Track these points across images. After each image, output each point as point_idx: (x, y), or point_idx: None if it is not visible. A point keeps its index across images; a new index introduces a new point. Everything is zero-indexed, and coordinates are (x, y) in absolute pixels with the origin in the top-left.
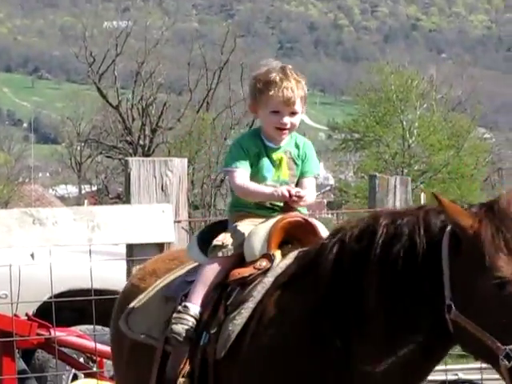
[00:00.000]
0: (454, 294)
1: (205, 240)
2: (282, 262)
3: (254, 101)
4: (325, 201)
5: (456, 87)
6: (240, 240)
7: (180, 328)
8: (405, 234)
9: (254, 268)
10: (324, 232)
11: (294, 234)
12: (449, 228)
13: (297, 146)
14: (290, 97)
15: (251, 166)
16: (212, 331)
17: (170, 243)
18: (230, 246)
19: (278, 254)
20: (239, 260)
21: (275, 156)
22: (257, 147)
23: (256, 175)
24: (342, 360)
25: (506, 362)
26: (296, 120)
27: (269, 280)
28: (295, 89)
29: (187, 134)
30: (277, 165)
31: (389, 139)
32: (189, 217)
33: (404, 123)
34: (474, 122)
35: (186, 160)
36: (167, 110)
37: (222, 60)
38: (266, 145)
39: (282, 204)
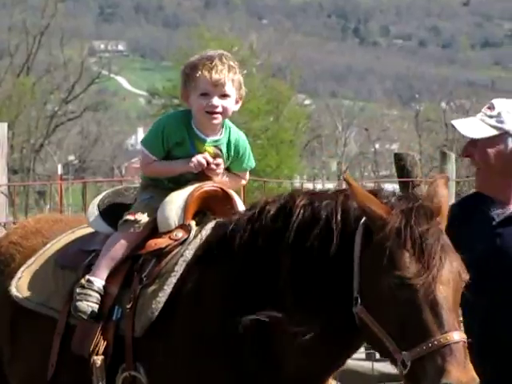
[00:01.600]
0: (362, 287)
1: (107, 210)
2: (200, 233)
3: (185, 88)
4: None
5: (276, 54)
6: (150, 218)
7: (85, 305)
8: (321, 219)
9: (170, 239)
10: (239, 204)
11: (209, 204)
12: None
13: (228, 143)
14: (218, 78)
15: (169, 153)
16: (127, 306)
17: None
18: (142, 222)
19: (193, 224)
20: (151, 230)
21: (202, 148)
22: (181, 134)
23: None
24: (258, 338)
25: (402, 369)
26: (228, 103)
27: (190, 252)
28: (226, 71)
29: (7, 98)
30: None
31: None
32: (8, 181)
33: None
34: (293, 88)
35: (5, 125)
36: None
37: (43, 25)
38: (196, 133)
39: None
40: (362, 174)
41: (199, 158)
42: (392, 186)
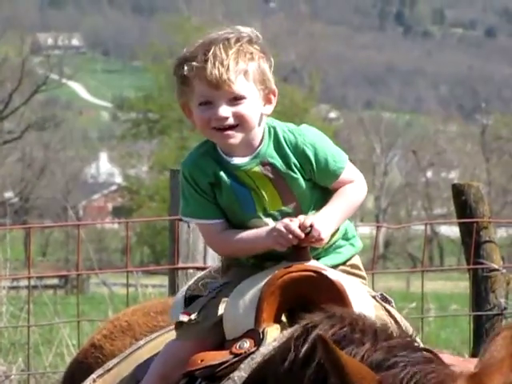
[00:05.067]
0: None
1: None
2: (268, 346)
3: (182, 96)
4: (109, 206)
5: (289, 49)
6: (214, 319)
7: None
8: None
9: (231, 353)
10: (355, 291)
11: (308, 295)
12: None
13: (280, 150)
14: (218, 74)
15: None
16: None
17: None
18: (199, 326)
19: (272, 329)
20: (221, 337)
21: (243, 175)
22: (210, 170)
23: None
24: None
25: None
26: (245, 108)
27: (240, 376)
28: (232, 61)
29: None
30: (253, 188)
31: None
32: None
33: None
34: (314, 97)
35: None
36: None
37: None
38: (227, 162)
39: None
40: (408, 213)
41: (279, 227)
42: (450, 229)
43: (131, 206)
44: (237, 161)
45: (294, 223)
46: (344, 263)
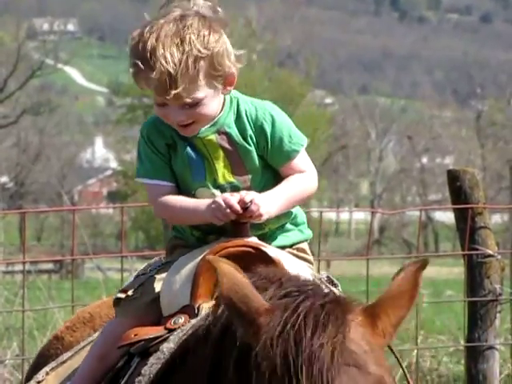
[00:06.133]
0: None
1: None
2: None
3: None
4: (104, 190)
5: (284, 34)
6: (151, 296)
7: None
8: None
9: (165, 328)
10: (295, 269)
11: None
12: None
13: (239, 121)
14: (167, 87)
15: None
16: None
17: None
18: (136, 303)
19: (207, 305)
20: (159, 315)
21: (199, 142)
22: (167, 133)
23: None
24: None
25: None
26: (200, 110)
27: (169, 348)
28: (178, 72)
29: None
30: (207, 157)
31: None
32: None
33: None
34: (309, 82)
35: None
36: None
37: None
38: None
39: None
40: (403, 199)
41: (219, 201)
42: (445, 215)
43: (126, 191)
44: None
45: (234, 198)
46: (290, 246)
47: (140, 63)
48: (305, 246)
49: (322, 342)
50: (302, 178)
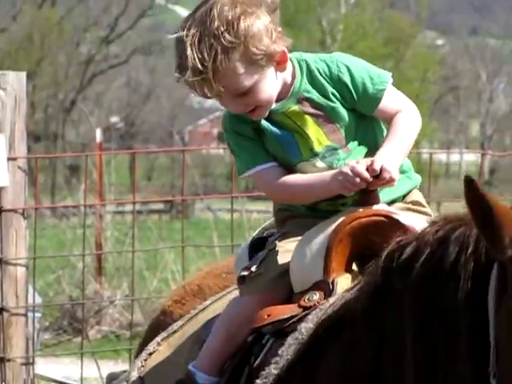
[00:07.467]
0: (500, 358)
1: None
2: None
3: None
4: (215, 131)
5: None
6: (276, 270)
7: None
8: (447, 264)
9: (300, 306)
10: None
11: (379, 243)
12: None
13: (315, 81)
14: (200, 80)
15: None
16: None
17: (1, 188)
18: (261, 279)
19: (342, 279)
20: (287, 290)
21: (281, 117)
22: (248, 121)
23: None
24: None
25: None
26: (255, 97)
27: (307, 328)
28: (206, 53)
29: (26, 38)
30: (296, 129)
31: (302, 47)
32: (28, 152)
33: (324, 24)
34: (420, 23)
35: (24, 75)
36: None
37: None
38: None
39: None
40: None
41: (346, 170)
42: None
43: None
44: (273, 106)
45: (360, 165)
46: (403, 199)
47: (177, 69)
48: (419, 197)
49: None
50: (406, 119)
